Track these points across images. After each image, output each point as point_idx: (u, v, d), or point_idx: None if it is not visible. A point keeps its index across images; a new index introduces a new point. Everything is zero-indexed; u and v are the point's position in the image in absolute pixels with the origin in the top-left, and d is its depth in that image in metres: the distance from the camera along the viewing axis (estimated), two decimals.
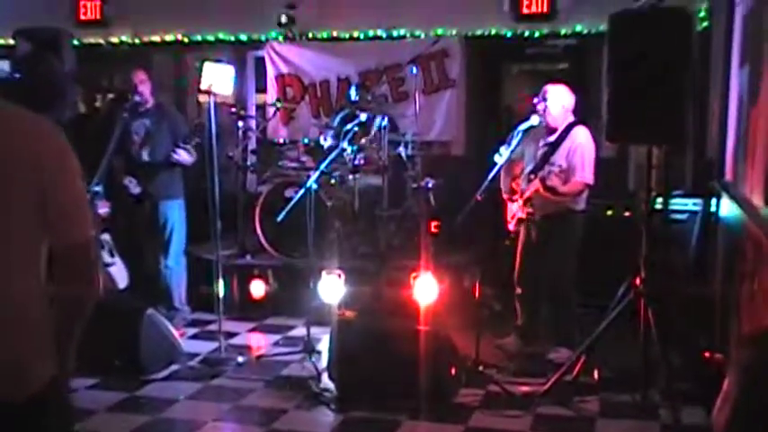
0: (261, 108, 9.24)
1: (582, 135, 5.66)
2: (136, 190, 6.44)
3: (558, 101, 5.71)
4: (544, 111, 5.68)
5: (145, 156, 6.51)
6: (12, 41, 7.61)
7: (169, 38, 9.16)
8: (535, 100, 5.76)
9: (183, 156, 6.42)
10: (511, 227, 5.93)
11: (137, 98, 6.48)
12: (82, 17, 9.18)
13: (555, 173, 5.55)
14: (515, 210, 5.85)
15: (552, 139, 5.72)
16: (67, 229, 2.28)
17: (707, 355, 5.01)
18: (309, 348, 5.78)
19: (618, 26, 4.87)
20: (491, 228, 6.55)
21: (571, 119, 5.75)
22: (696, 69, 4.97)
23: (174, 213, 6.63)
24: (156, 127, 6.50)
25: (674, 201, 6.05)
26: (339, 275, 6.45)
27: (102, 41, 9.26)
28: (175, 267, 6.70)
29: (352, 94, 7.73)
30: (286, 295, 7.10)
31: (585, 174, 5.57)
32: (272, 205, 6.92)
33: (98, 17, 9.20)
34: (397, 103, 8.45)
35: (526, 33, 8.32)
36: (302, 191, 5.88)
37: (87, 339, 2.36)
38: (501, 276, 6.32)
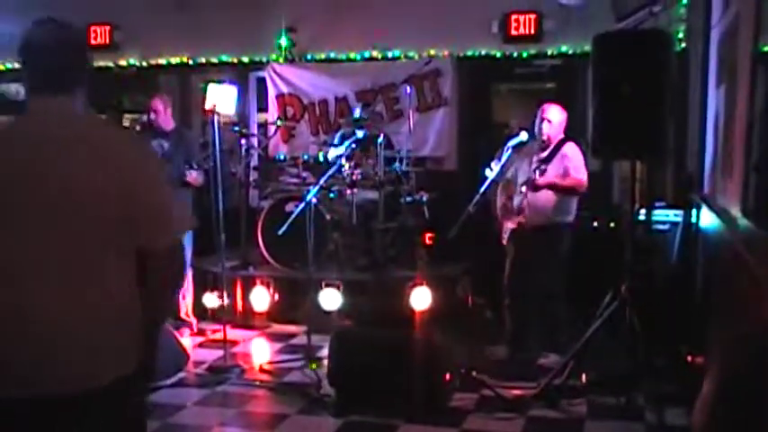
0: (262, 126, 9.28)
1: (573, 148, 5.72)
2: None
3: (557, 118, 5.75)
4: (543, 129, 5.71)
5: None
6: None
7: (175, 60, 9.21)
8: (537, 119, 5.79)
9: (194, 176, 6.42)
10: (504, 242, 5.94)
11: (144, 118, 6.53)
12: (92, 42, 9.22)
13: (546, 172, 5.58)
14: (509, 226, 5.86)
15: (545, 154, 5.75)
16: (151, 234, 2.29)
17: (689, 358, 5.03)
18: (310, 356, 5.79)
19: (601, 47, 4.91)
20: (483, 239, 6.57)
21: (562, 135, 5.79)
22: (675, 88, 5.00)
23: None
24: (174, 149, 6.51)
25: (656, 212, 6.07)
26: (338, 286, 6.46)
27: (111, 64, 9.29)
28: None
29: (356, 111, 7.78)
30: (287, 305, 7.09)
31: (580, 176, 5.61)
32: (273, 219, 6.93)
33: (108, 42, 9.24)
34: (392, 121, 8.48)
35: (514, 54, 8.38)
36: (302, 205, 5.90)
37: None
38: (493, 286, 6.33)
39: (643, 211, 5.89)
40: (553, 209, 5.69)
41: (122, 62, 9.33)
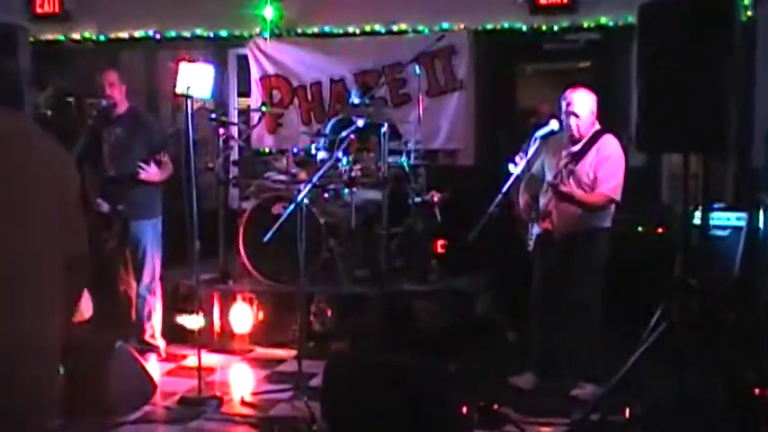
0: (244, 114, 9.28)
1: (612, 145, 5.63)
2: (104, 208, 6.38)
3: (586, 107, 5.65)
4: (572, 123, 5.64)
5: (112, 170, 6.45)
6: None
7: (139, 34, 9.21)
8: (562, 109, 5.71)
9: (151, 172, 6.34)
10: (530, 248, 5.90)
11: (103, 102, 6.46)
12: (39, 10, 9.22)
13: (569, 180, 5.53)
14: (535, 229, 5.82)
15: (577, 148, 5.69)
16: None
17: (755, 391, 4.99)
18: (301, 385, 5.76)
19: (649, 17, 4.85)
20: (505, 247, 6.54)
21: (597, 126, 5.72)
22: (739, 66, 4.95)
23: (148, 235, 6.57)
24: (128, 136, 6.43)
25: (714, 215, 6.04)
26: (333, 302, 6.43)
27: (62, 37, 9.27)
28: (149, 296, 6.65)
29: (353, 96, 7.75)
30: (274, 325, 7.08)
31: (611, 186, 5.54)
32: (257, 223, 6.92)
33: (57, 10, 9.24)
34: (397, 108, 8.49)
35: (543, 27, 8.37)
36: (291, 207, 5.87)
37: None
38: (517, 303, 6.30)
39: (698, 213, 5.86)
40: (585, 213, 5.63)
41: (75, 35, 9.32)
